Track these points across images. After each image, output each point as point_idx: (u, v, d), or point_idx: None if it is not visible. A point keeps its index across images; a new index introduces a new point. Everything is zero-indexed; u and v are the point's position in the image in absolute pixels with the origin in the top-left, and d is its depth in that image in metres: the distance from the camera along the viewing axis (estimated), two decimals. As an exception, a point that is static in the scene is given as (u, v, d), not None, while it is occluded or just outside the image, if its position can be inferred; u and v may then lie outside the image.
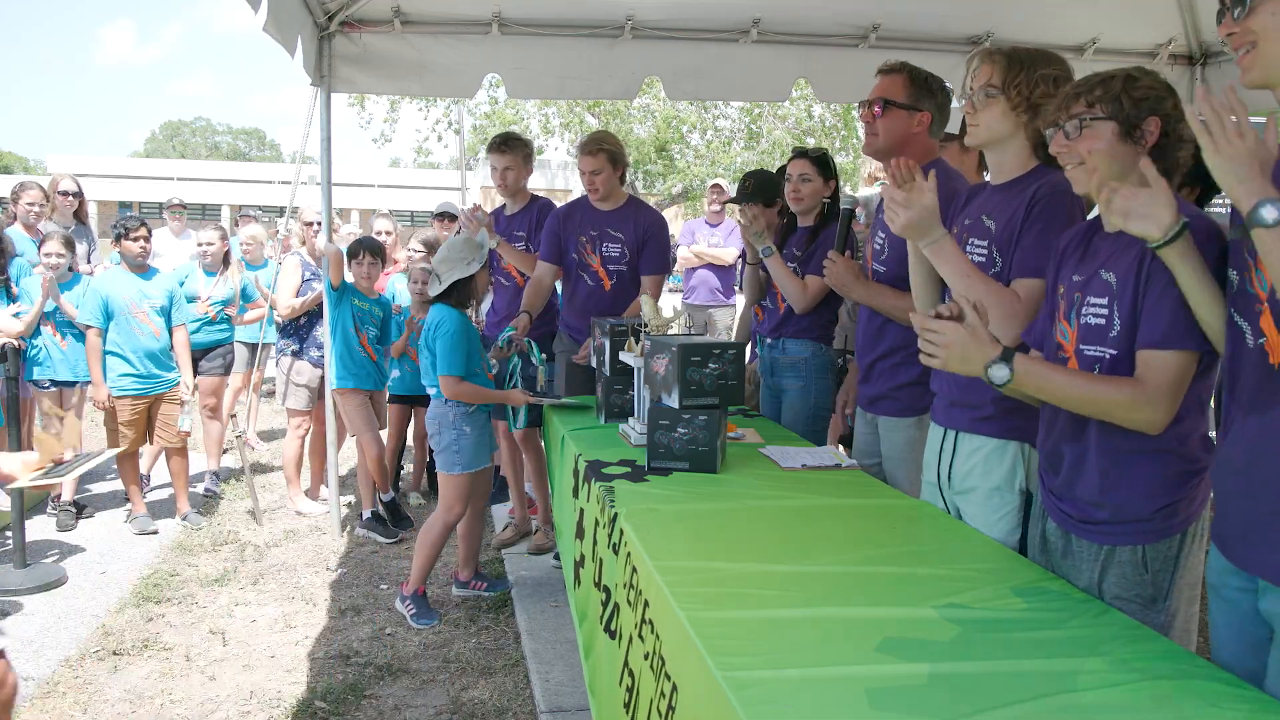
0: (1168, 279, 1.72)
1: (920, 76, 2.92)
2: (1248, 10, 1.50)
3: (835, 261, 3.06)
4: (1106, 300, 1.84)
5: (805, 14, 4.86)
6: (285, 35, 3.78)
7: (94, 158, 35.42)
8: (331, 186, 4.91)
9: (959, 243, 2.36)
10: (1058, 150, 1.95)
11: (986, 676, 1.46)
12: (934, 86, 2.93)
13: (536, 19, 4.76)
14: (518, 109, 17.88)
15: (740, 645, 1.55)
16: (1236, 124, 1.46)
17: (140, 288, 5.13)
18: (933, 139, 2.96)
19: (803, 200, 3.68)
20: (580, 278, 4.26)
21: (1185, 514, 1.85)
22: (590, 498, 2.70)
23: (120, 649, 3.71)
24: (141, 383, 5.10)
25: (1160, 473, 1.84)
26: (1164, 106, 1.85)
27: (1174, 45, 5.09)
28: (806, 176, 3.65)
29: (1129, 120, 1.85)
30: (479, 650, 3.70)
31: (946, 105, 2.97)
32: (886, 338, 2.98)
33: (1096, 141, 1.87)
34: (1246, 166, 1.45)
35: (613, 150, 4.19)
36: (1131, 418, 1.79)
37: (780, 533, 2.20)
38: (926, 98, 2.91)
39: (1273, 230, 1.41)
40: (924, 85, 2.91)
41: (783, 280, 3.55)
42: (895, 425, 2.98)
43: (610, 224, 4.23)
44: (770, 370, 3.77)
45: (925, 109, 2.90)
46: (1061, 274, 2.00)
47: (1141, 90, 1.86)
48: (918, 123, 2.90)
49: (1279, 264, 1.41)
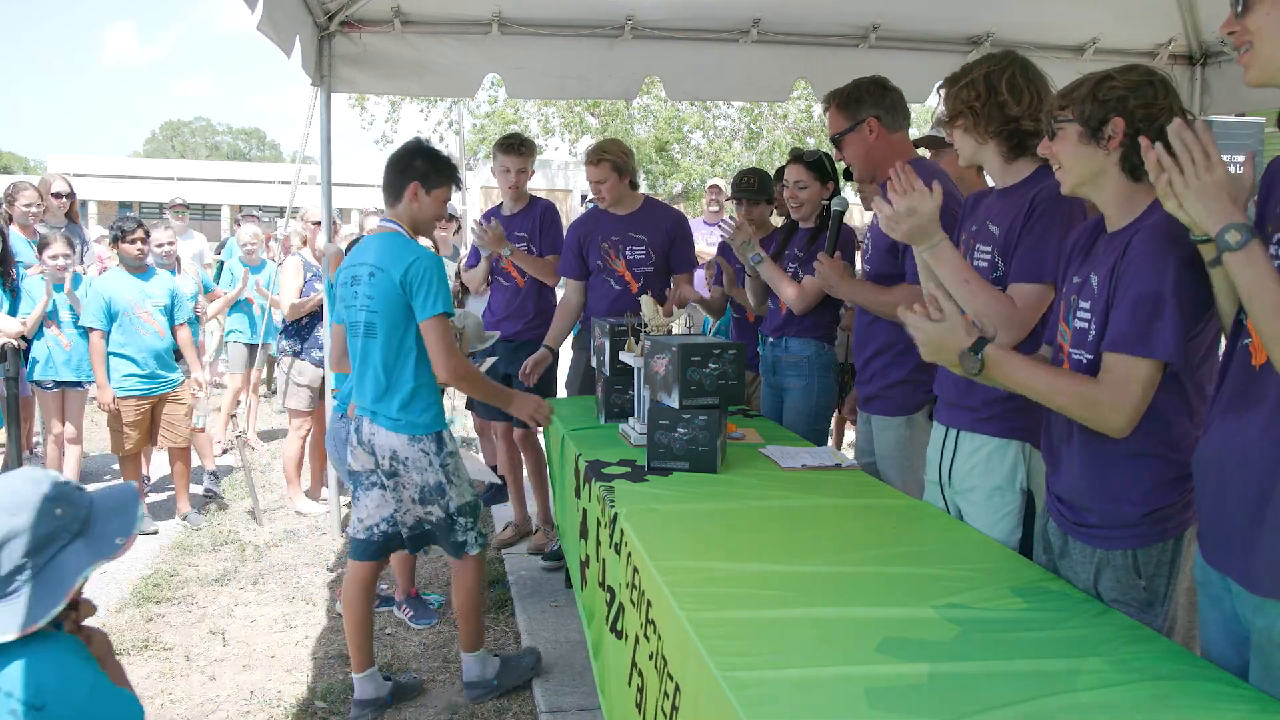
0: (1132, 281, 1.72)
1: (845, 95, 2.99)
2: (1245, 9, 1.50)
3: (823, 262, 3.11)
4: (1089, 304, 1.85)
5: (805, 14, 4.86)
6: (281, 35, 3.77)
7: (94, 158, 35.42)
8: (331, 186, 4.91)
9: (966, 249, 2.38)
10: (1043, 153, 1.96)
11: (986, 676, 1.46)
12: (863, 94, 2.99)
13: (536, 19, 4.76)
14: (518, 109, 17.89)
15: (740, 645, 1.55)
16: (1206, 158, 1.49)
17: (141, 288, 5.13)
18: (894, 134, 2.99)
19: (801, 206, 3.68)
20: (606, 282, 4.26)
21: (1179, 519, 1.83)
22: (591, 498, 2.70)
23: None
24: (146, 382, 5.10)
25: (1148, 477, 1.83)
26: (1128, 106, 1.80)
27: (1174, 45, 5.08)
28: (802, 183, 3.65)
29: (1089, 122, 1.84)
30: (479, 650, 3.70)
31: (886, 96, 3.00)
32: (876, 337, 3.01)
33: (1064, 143, 1.88)
34: (1215, 198, 1.49)
35: (615, 158, 4.18)
36: (1091, 417, 1.79)
37: (780, 533, 2.21)
38: (861, 107, 2.97)
39: (1237, 253, 1.47)
40: (853, 100, 2.98)
41: (778, 284, 3.55)
42: (886, 424, 3.02)
43: (631, 228, 4.22)
44: (772, 369, 3.77)
45: (866, 117, 2.96)
46: (1067, 275, 2.01)
47: (1107, 91, 1.83)
48: (870, 132, 2.96)
49: (1247, 285, 1.46)
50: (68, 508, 1.58)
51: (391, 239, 2.98)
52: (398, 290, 2.88)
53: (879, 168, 3.03)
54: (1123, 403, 1.74)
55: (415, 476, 3.01)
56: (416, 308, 2.89)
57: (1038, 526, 2.14)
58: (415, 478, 3.01)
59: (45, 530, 1.53)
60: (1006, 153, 2.32)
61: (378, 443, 3.02)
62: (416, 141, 3.16)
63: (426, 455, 3.01)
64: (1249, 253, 1.46)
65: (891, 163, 3.00)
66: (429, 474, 3.01)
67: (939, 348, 1.89)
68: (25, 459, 5.14)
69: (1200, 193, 1.50)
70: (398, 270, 2.87)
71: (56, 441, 5.29)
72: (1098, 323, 1.81)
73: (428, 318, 2.88)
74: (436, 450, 3.02)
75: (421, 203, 3.02)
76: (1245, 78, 1.55)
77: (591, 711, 3.09)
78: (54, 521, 1.55)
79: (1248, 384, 1.53)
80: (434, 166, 3.02)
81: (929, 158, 3.33)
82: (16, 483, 1.58)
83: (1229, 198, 1.49)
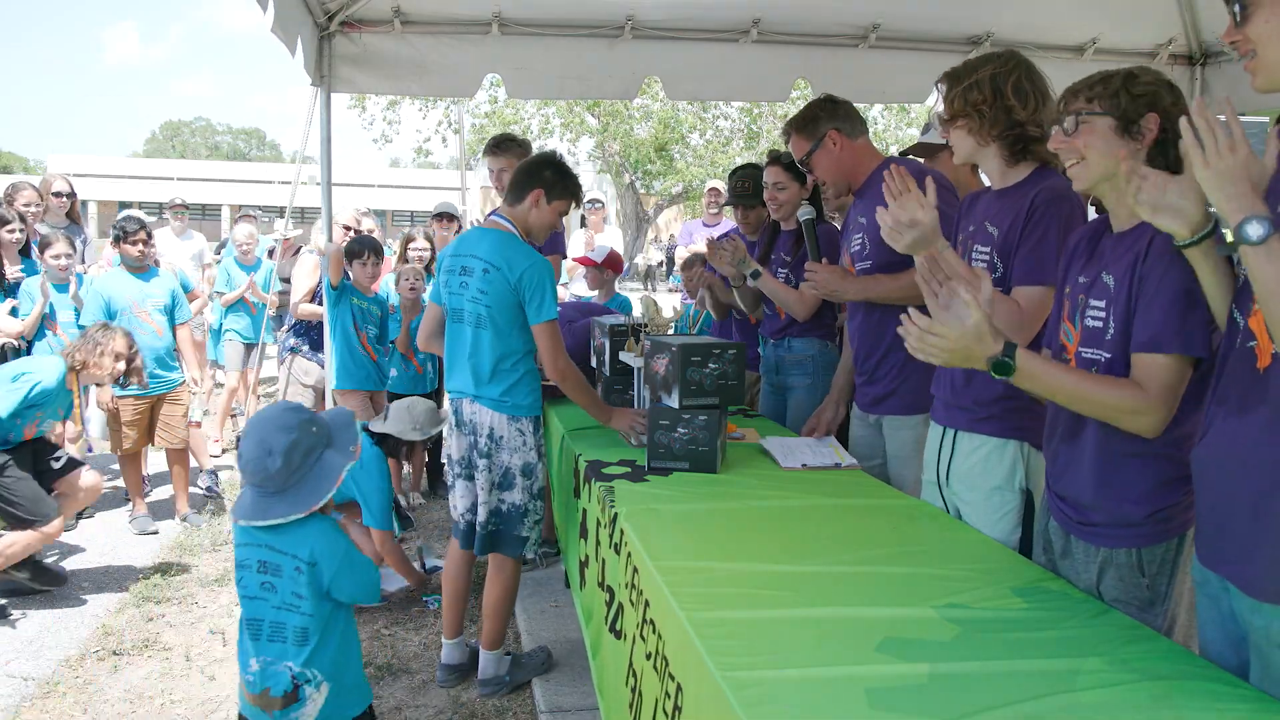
0: (1161, 280, 1.71)
1: (801, 120, 3.09)
2: (1245, 18, 1.50)
3: (818, 270, 3.08)
4: (1104, 303, 1.84)
5: (805, 14, 4.87)
6: (288, 35, 3.79)
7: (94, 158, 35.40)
8: (331, 186, 4.91)
9: (963, 249, 2.37)
10: (1056, 147, 1.93)
11: (986, 676, 1.46)
12: (817, 112, 3.07)
13: (536, 19, 4.76)
14: (518, 109, 17.90)
15: (740, 645, 1.55)
16: (1230, 137, 1.43)
17: (141, 288, 5.13)
18: (857, 141, 3.07)
19: (781, 207, 3.67)
20: None
21: (1183, 519, 1.84)
22: (591, 498, 2.70)
23: (120, 649, 3.71)
24: (143, 382, 5.10)
25: (1154, 476, 1.83)
26: (1163, 103, 1.83)
27: (1174, 45, 5.09)
28: (781, 184, 3.64)
29: (1127, 116, 1.84)
30: (479, 650, 3.70)
31: (839, 108, 3.08)
32: (888, 334, 2.97)
33: (1092, 136, 1.86)
34: (1235, 182, 1.42)
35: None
36: (1130, 421, 1.77)
37: (780, 533, 2.20)
38: (818, 125, 3.04)
39: (1258, 248, 1.39)
40: (810, 121, 3.06)
41: (779, 295, 3.53)
42: (902, 424, 2.97)
43: None
44: (775, 369, 3.76)
45: (826, 131, 3.03)
46: (1069, 275, 2.00)
47: (1141, 87, 1.85)
48: (834, 144, 3.03)
49: (1265, 280, 1.39)
50: (319, 426, 2.27)
51: (506, 238, 3.12)
52: (511, 291, 3.04)
53: (852, 175, 3.09)
54: (1160, 402, 1.73)
55: (506, 456, 3.15)
56: (530, 312, 3.06)
57: (1038, 526, 2.14)
58: (506, 458, 3.15)
59: (309, 442, 2.21)
60: (1008, 156, 2.32)
61: (479, 421, 3.16)
62: (552, 153, 3.39)
63: (522, 435, 3.17)
64: (1269, 248, 1.38)
65: (862, 167, 3.05)
66: (520, 454, 3.16)
67: (965, 355, 1.79)
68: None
69: (1221, 175, 1.42)
70: (514, 273, 3.03)
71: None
72: (1118, 322, 1.79)
73: (540, 322, 3.06)
74: (533, 431, 3.20)
75: (541, 210, 3.17)
76: (1253, 84, 1.54)
77: (591, 711, 3.09)
78: (312, 436, 2.23)
79: (1250, 386, 1.51)
80: (561, 179, 3.19)
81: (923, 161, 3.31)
82: (280, 411, 2.27)
83: (1251, 184, 1.42)
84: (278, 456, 2.16)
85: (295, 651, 2.20)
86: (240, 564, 2.26)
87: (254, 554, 2.22)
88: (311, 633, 2.21)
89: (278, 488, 2.19)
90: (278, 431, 2.18)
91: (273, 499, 2.19)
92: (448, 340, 3.26)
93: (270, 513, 2.18)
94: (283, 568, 2.20)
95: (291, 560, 2.19)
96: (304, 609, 2.20)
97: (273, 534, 2.20)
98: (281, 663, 2.21)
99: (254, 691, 2.22)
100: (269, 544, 2.21)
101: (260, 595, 2.23)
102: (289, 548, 2.19)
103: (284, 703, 2.20)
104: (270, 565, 2.21)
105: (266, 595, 2.22)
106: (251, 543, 2.23)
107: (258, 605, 2.23)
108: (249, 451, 2.20)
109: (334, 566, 2.20)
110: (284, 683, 2.19)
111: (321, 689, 2.22)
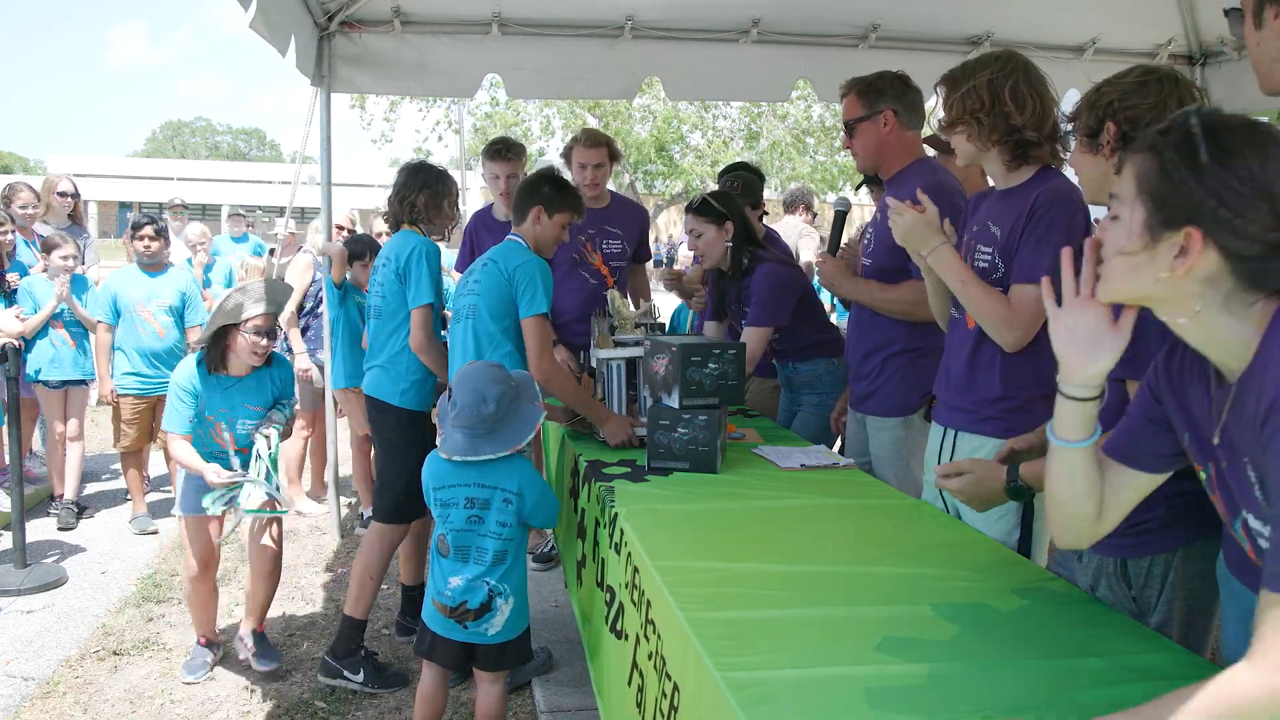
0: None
1: (866, 84, 2.99)
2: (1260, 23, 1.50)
3: (826, 262, 3.12)
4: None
5: (805, 14, 4.87)
6: (276, 35, 3.76)
7: (94, 158, 35.40)
8: (331, 186, 4.91)
9: (967, 250, 2.38)
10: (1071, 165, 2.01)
11: (986, 676, 1.46)
12: (884, 85, 2.99)
13: (536, 19, 4.76)
14: (518, 109, 17.90)
15: (740, 645, 1.55)
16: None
17: (150, 286, 5.12)
18: (909, 131, 3.01)
19: (706, 255, 3.61)
20: (580, 276, 4.25)
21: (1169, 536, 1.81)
22: (590, 498, 2.70)
23: (120, 649, 3.71)
24: (142, 382, 5.09)
25: None
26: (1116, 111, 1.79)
27: (1174, 45, 5.09)
28: (696, 231, 3.58)
29: (1088, 131, 1.84)
30: (479, 650, 3.70)
31: (907, 93, 3.02)
32: (873, 335, 2.99)
33: (1076, 156, 1.90)
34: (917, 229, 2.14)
35: (611, 145, 4.22)
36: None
37: (780, 533, 2.20)
38: (881, 99, 2.97)
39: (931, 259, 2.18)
40: (874, 90, 2.98)
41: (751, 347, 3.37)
42: (882, 425, 3.01)
43: (606, 221, 4.23)
44: (789, 386, 3.77)
45: (883, 108, 2.96)
46: None
47: (1099, 97, 1.83)
48: (884, 124, 2.97)
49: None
50: (517, 378, 2.70)
51: (513, 244, 3.26)
52: (506, 281, 3.12)
53: (887, 161, 3.03)
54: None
55: None
56: (522, 304, 3.12)
57: (1038, 527, 2.14)
58: None
59: (508, 392, 2.61)
60: (1009, 160, 2.31)
61: None
62: (549, 168, 3.50)
63: None
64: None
65: (899, 159, 3.01)
66: None
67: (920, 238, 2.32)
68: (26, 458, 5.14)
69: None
70: (509, 266, 3.14)
71: (60, 441, 5.29)
72: None
73: (529, 315, 3.10)
74: None
75: (544, 224, 3.25)
76: (1261, 86, 1.54)
77: (591, 712, 3.08)
78: (513, 389, 2.64)
79: None
80: (558, 193, 3.28)
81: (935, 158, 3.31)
82: (487, 366, 2.67)
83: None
84: (491, 403, 2.55)
85: (492, 570, 2.60)
86: (445, 503, 2.63)
87: (461, 493, 2.61)
88: (509, 555, 2.62)
89: (487, 430, 2.57)
90: (491, 383, 2.58)
91: (482, 439, 2.57)
92: (451, 345, 3.33)
93: (481, 450, 2.57)
94: (491, 501, 2.60)
95: (501, 493, 2.60)
96: (505, 535, 2.61)
97: (481, 472, 2.59)
98: (481, 579, 2.60)
99: (451, 605, 2.61)
100: (478, 481, 2.60)
101: (466, 527, 2.61)
102: (498, 482, 2.60)
103: (477, 614, 2.61)
104: (478, 500, 2.60)
105: (473, 526, 2.60)
106: (459, 483, 2.62)
107: (463, 535, 2.61)
108: (464, 399, 2.56)
109: (535, 496, 2.64)
110: (481, 596, 2.60)
111: (509, 601, 2.63)
